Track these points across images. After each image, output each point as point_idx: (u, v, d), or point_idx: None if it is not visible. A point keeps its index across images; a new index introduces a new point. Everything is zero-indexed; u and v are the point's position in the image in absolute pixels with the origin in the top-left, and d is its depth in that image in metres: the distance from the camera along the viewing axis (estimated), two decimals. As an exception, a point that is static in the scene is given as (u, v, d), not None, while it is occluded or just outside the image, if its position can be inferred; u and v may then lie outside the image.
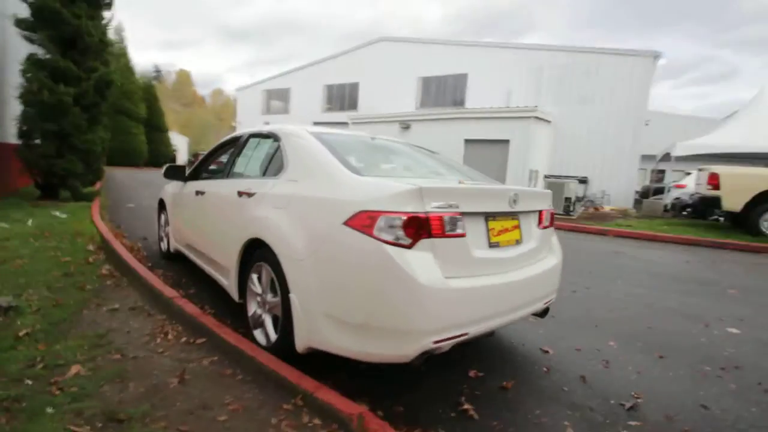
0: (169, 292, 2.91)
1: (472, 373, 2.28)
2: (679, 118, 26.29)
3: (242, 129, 3.45)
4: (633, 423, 1.90)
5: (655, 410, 2.02)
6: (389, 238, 1.67)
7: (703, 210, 9.12)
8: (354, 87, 21.76)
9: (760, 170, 8.11)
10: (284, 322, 2.05)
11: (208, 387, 1.88)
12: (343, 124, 20.98)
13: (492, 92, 17.62)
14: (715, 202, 8.01)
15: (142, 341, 2.33)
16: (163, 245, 4.46)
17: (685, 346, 2.86)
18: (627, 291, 4.22)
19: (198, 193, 3.27)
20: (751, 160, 15.63)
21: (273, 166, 2.60)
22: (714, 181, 8.02)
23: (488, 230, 1.99)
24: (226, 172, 3.08)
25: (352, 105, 21.81)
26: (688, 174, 14.77)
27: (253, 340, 2.28)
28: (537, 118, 13.89)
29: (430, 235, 1.70)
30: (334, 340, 1.80)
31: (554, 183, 11.44)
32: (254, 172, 2.75)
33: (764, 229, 7.55)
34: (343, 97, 22.32)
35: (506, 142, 14.00)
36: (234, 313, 2.84)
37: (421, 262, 1.67)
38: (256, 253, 2.32)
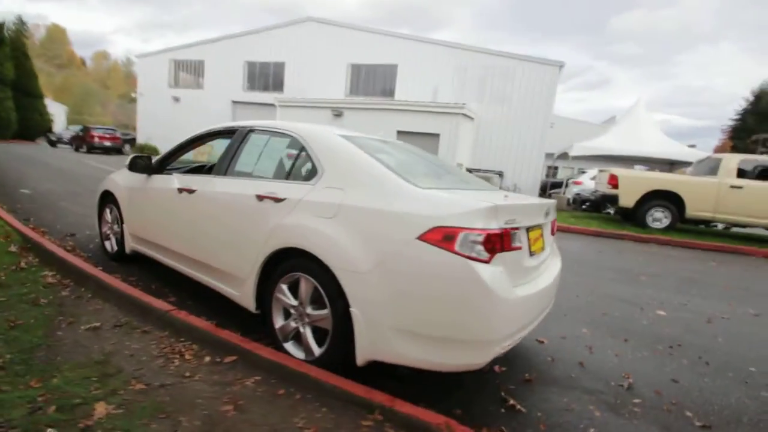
0: (159, 303, 2.58)
1: (496, 368, 2.48)
2: (566, 121, 30.17)
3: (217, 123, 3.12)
4: (636, 401, 2.28)
5: (645, 387, 2.44)
6: (470, 253, 1.74)
7: (599, 205, 10.80)
8: (279, 67, 20.58)
9: (649, 174, 9.78)
10: (337, 335, 2.00)
11: (269, 411, 1.77)
12: (269, 105, 19.85)
13: (420, 86, 18.20)
14: (614, 199, 9.50)
15: (156, 365, 2.06)
16: (110, 245, 3.87)
17: (637, 329, 3.44)
18: (568, 279, 4.86)
19: (182, 190, 2.91)
20: (629, 162, 18.76)
21: (298, 169, 2.45)
22: (614, 181, 9.49)
23: (529, 240, 2.17)
24: (221, 169, 2.79)
25: (277, 86, 20.67)
26: (583, 172, 17.16)
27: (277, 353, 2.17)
28: (464, 115, 14.79)
29: (502, 250, 1.82)
30: (406, 352, 1.83)
31: (482, 176, 12.42)
32: (268, 173, 2.55)
33: (649, 223, 9.20)
34: (266, 77, 20.98)
35: (437, 135, 14.68)
36: (240, 323, 2.64)
37: (497, 275, 1.78)
38: (288, 263, 2.20)
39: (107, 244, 3.93)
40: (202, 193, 2.76)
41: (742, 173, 8.63)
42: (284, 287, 2.24)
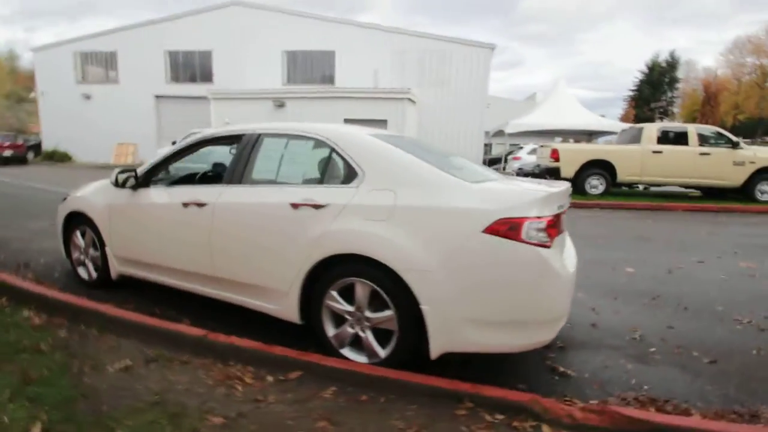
0: (190, 329, 2.40)
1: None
2: (494, 99, 31.93)
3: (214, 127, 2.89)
4: (652, 349, 2.61)
5: (652, 336, 2.80)
6: (535, 240, 1.86)
7: (542, 177, 11.72)
8: (206, 56, 19.11)
9: (585, 146, 10.73)
10: (404, 334, 2.04)
11: (364, 419, 1.77)
12: (198, 99, 18.44)
13: (360, 71, 18.04)
14: (556, 171, 10.33)
15: (220, 394, 1.94)
16: (85, 272, 3.48)
17: (619, 287, 3.87)
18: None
19: (188, 204, 2.68)
20: (559, 135, 20.39)
21: (331, 173, 2.39)
22: (555, 155, 10.32)
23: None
24: (234, 177, 2.61)
25: (206, 77, 19.23)
26: (520, 148, 18.35)
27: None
28: (409, 99, 15.00)
29: (557, 233, 1.97)
30: (481, 340, 1.93)
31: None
32: (295, 178, 2.45)
33: (587, 190, 10.17)
34: (192, 67, 19.40)
35: (384, 122, 14.74)
36: (277, 336, 2.55)
37: (557, 257, 1.93)
38: (338, 269, 2.17)
39: (81, 271, 3.51)
40: (217, 206, 2.57)
41: (661, 139, 9.83)
42: (335, 294, 2.21)
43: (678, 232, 6.69)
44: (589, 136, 23.58)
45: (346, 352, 2.22)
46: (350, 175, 2.26)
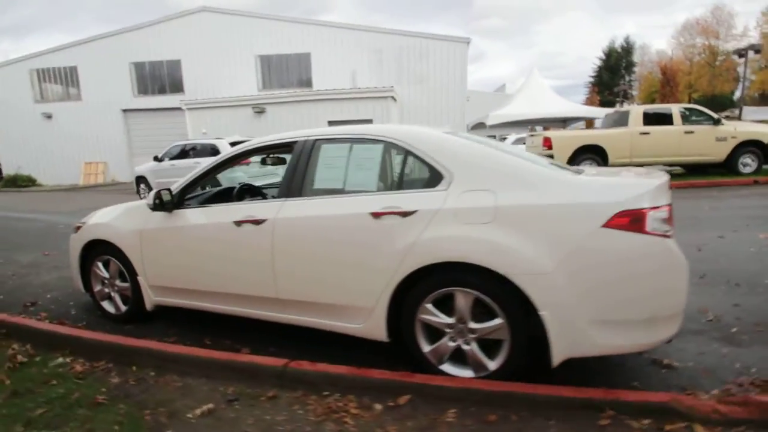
0: (267, 360, 2.17)
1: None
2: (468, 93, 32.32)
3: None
4: (733, 330, 2.57)
5: (726, 316, 2.75)
6: (660, 231, 1.76)
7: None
8: (175, 66, 18.30)
9: (576, 132, 10.91)
10: (517, 343, 1.89)
11: (504, 443, 1.62)
12: (170, 110, 17.67)
13: (337, 72, 17.75)
14: (550, 158, 10.47)
15: (330, 430, 1.74)
16: (112, 305, 3.16)
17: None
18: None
19: (242, 222, 2.44)
20: (537, 124, 20.78)
21: (410, 177, 2.23)
22: (548, 143, 10.43)
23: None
24: (292, 189, 2.39)
25: (176, 87, 18.42)
26: (504, 139, 18.59)
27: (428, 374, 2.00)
28: (392, 98, 14.87)
29: (673, 223, 1.87)
30: (608, 342, 1.81)
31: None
32: (368, 186, 2.25)
33: (582, 175, 10.35)
34: (161, 78, 18.54)
35: (369, 121, 14.53)
36: (342, 355, 2.35)
37: (677, 246, 1.83)
38: (432, 280, 2.00)
39: (107, 305, 3.18)
40: (278, 222, 2.35)
41: (647, 121, 10.10)
42: (430, 307, 2.04)
43: (683, 210, 6.84)
44: (563, 123, 24.26)
45: (446, 367, 2.06)
46: (435, 177, 2.10)
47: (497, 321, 1.92)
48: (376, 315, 2.14)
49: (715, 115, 10.01)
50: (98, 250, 3.11)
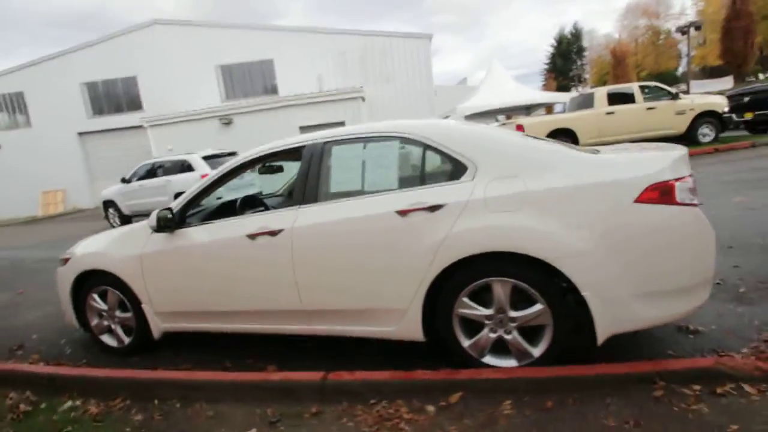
0: (303, 375, 2.08)
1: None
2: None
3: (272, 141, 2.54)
4: (742, 290, 2.67)
5: (731, 278, 2.85)
6: (688, 200, 1.80)
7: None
8: (130, 82, 17.49)
9: (547, 117, 11.22)
10: (560, 326, 1.89)
11: (573, 427, 1.60)
12: (130, 129, 16.89)
13: (303, 77, 17.51)
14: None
15: (389, 440, 1.67)
16: (112, 339, 2.96)
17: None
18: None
19: (255, 235, 2.32)
20: (503, 113, 21.28)
21: (431, 171, 2.19)
22: (520, 129, 10.68)
23: None
24: (306, 196, 2.30)
25: (133, 105, 17.62)
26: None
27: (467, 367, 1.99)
28: (362, 98, 14.80)
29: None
30: (648, 314, 1.83)
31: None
32: (388, 184, 2.19)
33: (556, 159, 10.66)
34: (116, 97, 17.67)
35: (341, 123, 14.40)
36: (369, 359, 2.29)
37: (703, 214, 1.88)
38: (465, 272, 1.97)
39: (107, 338, 2.96)
40: (296, 232, 2.25)
41: (611, 101, 10.51)
42: (466, 300, 2.01)
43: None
44: (527, 110, 24.95)
45: (489, 359, 2.03)
46: (458, 169, 2.07)
47: (538, 307, 1.91)
48: (411, 315, 2.09)
49: (672, 90, 10.55)
50: (93, 281, 2.89)
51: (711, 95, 11.57)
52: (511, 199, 1.91)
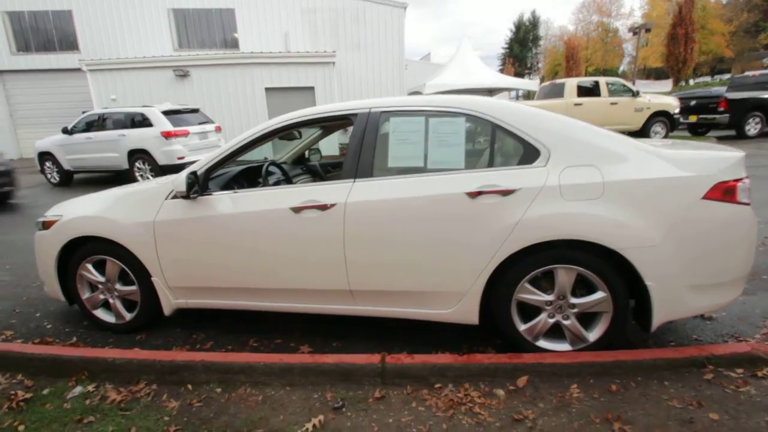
0: (361, 358, 1.99)
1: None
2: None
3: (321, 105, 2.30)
4: (750, 287, 2.95)
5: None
6: (745, 200, 1.91)
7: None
8: (64, 17, 15.12)
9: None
10: (620, 314, 1.97)
11: (644, 409, 1.69)
12: (60, 71, 14.81)
13: (268, 33, 16.28)
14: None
15: (469, 425, 1.66)
16: (108, 314, 2.66)
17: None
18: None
19: (301, 209, 2.13)
20: (468, 93, 21.45)
21: (501, 153, 2.12)
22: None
23: None
24: (361, 168, 2.14)
25: (67, 45, 15.34)
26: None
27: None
28: (333, 63, 14.10)
29: None
30: (699, 304, 1.96)
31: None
32: (452, 164, 2.09)
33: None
34: (45, 33, 15.24)
35: (311, 89, 13.70)
36: (404, 341, 2.29)
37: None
38: (530, 259, 1.97)
39: (102, 313, 2.64)
40: (351, 206, 2.09)
41: (579, 93, 10.97)
42: (528, 285, 2.02)
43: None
44: (490, 92, 25.42)
45: (543, 343, 2.08)
46: (530, 153, 2.02)
47: (600, 295, 1.96)
48: (470, 298, 2.06)
49: (633, 88, 11.23)
50: (86, 249, 2.53)
51: (664, 96, 12.49)
52: (588, 188, 1.91)
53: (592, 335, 2.04)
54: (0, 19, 14.68)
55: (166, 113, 8.78)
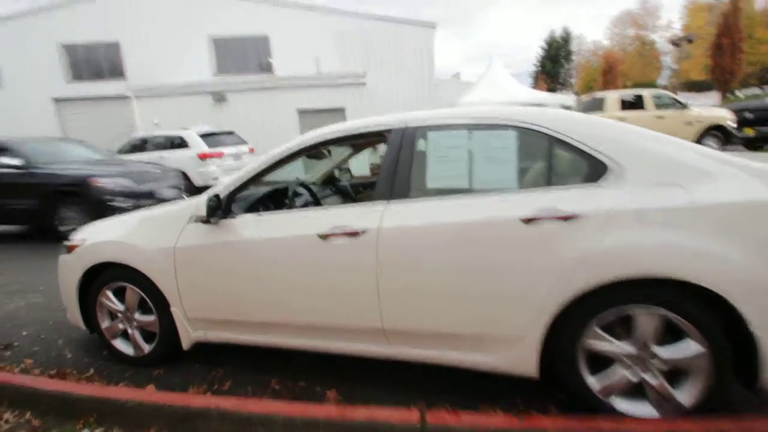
0: (399, 414, 1.69)
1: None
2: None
3: (346, 122, 2.11)
4: None
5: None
6: None
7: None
8: (113, 48, 16.20)
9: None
10: (722, 369, 1.57)
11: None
12: (111, 99, 15.72)
13: (300, 57, 16.68)
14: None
15: None
16: (127, 345, 2.50)
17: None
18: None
19: (328, 236, 1.90)
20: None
21: (560, 170, 1.81)
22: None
23: None
24: (396, 189, 1.90)
25: (115, 72, 16.36)
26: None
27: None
28: (364, 84, 14.23)
29: None
30: None
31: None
32: (501, 183, 1.81)
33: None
34: (97, 62, 16.35)
35: (341, 110, 13.85)
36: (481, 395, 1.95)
37: None
38: (605, 297, 1.63)
39: (120, 344, 2.49)
40: (385, 233, 1.84)
41: (622, 106, 10.40)
42: (599, 331, 1.67)
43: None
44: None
45: (619, 404, 1.70)
46: (596, 170, 1.71)
47: (696, 347, 1.58)
48: (526, 345, 1.74)
49: (682, 101, 10.53)
50: (107, 275, 2.40)
51: (715, 108, 11.66)
52: (674, 212, 1.57)
53: (684, 396, 1.64)
54: (57, 51, 15.91)
55: (203, 136, 9.01)
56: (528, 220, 1.68)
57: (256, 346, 2.26)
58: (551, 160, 1.80)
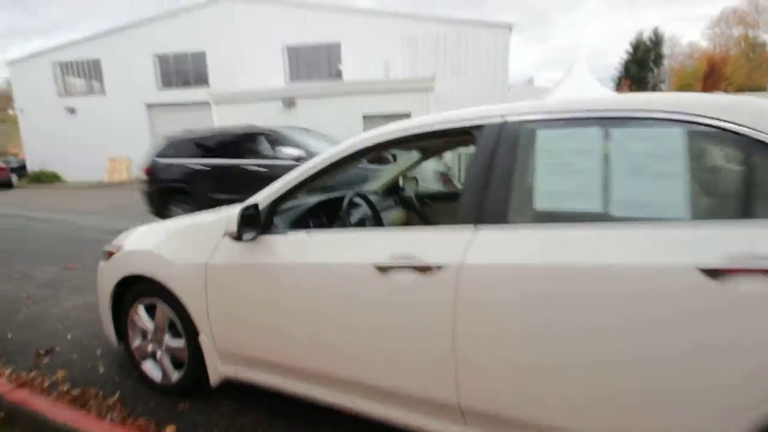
0: None
1: None
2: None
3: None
4: None
5: None
6: None
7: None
8: (199, 58, 17.50)
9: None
10: None
11: None
12: (195, 105, 16.92)
13: (369, 63, 16.69)
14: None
15: None
16: (155, 369, 2.18)
17: None
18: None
19: (389, 268, 1.40)
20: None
21: (762, 188, 1.13)
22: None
23: None
24: (488, 209, 1.34)
25: (200, 80, 17.64)
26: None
27: None
28: (432, 89, 13.73)
29: None
30: None
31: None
32: (662, 207, 1.18)
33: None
34: (185, 71, 17.78)
35: (407, 115, 13.43)
36: None
37: None
38: None
39: (149, 367, 2.19)
40: (471, 271, 1.29)
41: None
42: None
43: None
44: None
45: None
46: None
47: None
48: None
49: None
50: (137, 288, 2.13)
51: None
52: None
53: None
54: (151, 61, 17.51)
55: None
56: (712, 272, 1.03)
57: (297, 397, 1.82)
58: (752, 174, 1.13)
